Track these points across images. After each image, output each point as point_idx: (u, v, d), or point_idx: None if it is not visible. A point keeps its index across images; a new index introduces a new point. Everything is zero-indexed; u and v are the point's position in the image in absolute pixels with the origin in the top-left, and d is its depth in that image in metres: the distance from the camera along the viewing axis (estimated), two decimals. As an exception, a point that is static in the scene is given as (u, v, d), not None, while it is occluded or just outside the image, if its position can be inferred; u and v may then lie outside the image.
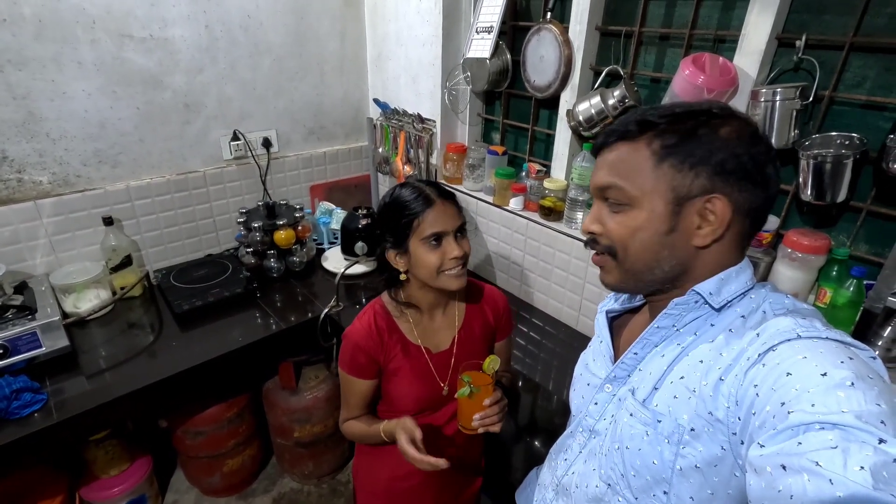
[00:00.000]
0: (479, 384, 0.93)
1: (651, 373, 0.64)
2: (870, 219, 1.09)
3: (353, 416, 1.09)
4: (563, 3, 1.52)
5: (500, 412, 0.93)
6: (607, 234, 0.64)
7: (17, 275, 1.57)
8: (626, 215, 0.62)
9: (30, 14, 1.40)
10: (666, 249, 0.61)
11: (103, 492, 1.64)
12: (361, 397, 1.06)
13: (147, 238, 1.80)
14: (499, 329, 1.14)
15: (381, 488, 1.15)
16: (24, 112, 1.47)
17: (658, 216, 0.60)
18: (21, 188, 1.54)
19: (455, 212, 0.97)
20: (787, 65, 1.12)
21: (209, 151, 1.87)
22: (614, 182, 0.62)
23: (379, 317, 1.04)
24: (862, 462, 0.39)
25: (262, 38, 1.85)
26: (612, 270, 0.66)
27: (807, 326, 0.52)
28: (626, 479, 0.65)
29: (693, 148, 0.58)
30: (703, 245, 0.60)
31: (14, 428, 1.18)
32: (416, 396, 1.03)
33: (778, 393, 0.47)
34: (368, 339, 1.01)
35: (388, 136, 2.13)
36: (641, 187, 0.60)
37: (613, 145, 0.64)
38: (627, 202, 0.61)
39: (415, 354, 1.04)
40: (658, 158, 0.59)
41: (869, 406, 0.42)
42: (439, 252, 0.95)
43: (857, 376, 0.44)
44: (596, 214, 0.66)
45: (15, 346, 1.29)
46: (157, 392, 1.36)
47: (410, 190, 0.97)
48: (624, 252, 0.63)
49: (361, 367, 1.02)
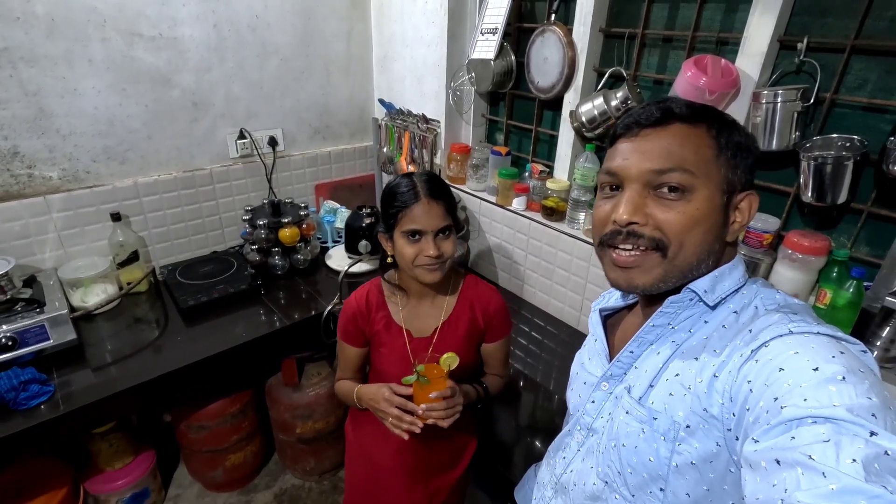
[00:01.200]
0: (430, 377, 0.97)
1: (647, 370, 0.64)
2: (870, 220, 1.10)
3: (344, 376, 1.19)
4: (567, 4, 1.53)
5: (447, 408, 0.96)
6: (659, 225, 0.58)
7: (26, 269, 1.59)
8: (688, 203, 0.57)
9: (42, 13, 1.43)
10: (717, 243, 0.60)
11: (107, 484, 1.66)
12: (350, 361, 1.16)
13: (154, 234, 1.82)
14: (489, 330, 1.14)
15: (365, 453, 1.21)
16: (36, 108, 1.50)
17: (718, 207, 0.58)
18: (31, 183, 1.56)
19: (440, 213, 0.99)
20: (788, 67, 1.13)
21: (216, 149, 1.89)
22: (679, 165, 0.57)
23: (372, 293, 1.13)
24: (854, 455, 0.39)
25: (269, 39, 1.87)
26: (652, 269, 0.60)
27: (798, 322, 0.53)
28: (623, 477, 0.65)
29: (741, 143, 0.60)
30: (732, 239, 0.61)
31: (21, 419, 1.20)
32: (393, 373, 1.08)
33: (771, 388, 0.48)
34: (357, 309, 1.11)
35: (392, 136, 2.15)
36: (707, 174, 0.57)
37: (668, 126, 0.59)
38: (690, 189, 0.57)
39: (396, 334, 1.11)
40: (720, 147, 0.59)
41: (860, 399, 0.42)
42: (416, 247, 0.99)
43: (848, 370, 0.45)
44: (638, 203, 0.59)
45: (23, 338, 1.31)
46: (161, 386, 1.37)
47: (407, 182, 1.01)
48: (678, 246, 0.58)
49: (350, 335, 1.13)
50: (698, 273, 0.61)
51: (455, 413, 0.98)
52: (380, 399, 1.01)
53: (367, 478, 1.21)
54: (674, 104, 0.60)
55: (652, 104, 0.61)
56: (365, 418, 1.17)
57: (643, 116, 0.60)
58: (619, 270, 0.63)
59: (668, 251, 0.59)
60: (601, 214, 0.64)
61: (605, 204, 0.64)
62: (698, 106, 0.61)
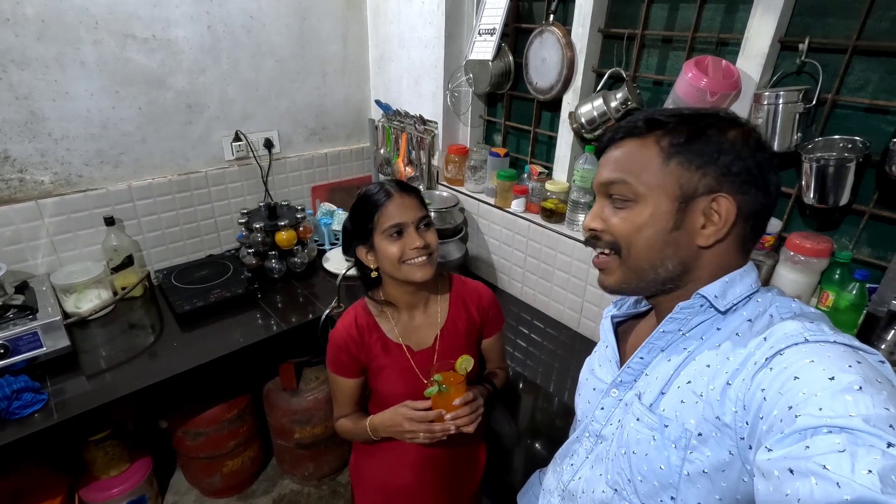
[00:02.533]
0: (450, 384, 0.95)
1: (657, 377, 0.64)
2: (872, 222, 1.09)
3: (343, 413, 1.12)
4: (566, 5, 1.52)
5: (471, 412, 0.95)
6: (610, 230, 0.64)
7: (18, 274, 1.56)
8: (631, 211, 0.62)
9: (33, 14, 1.40)
10: (670, 247, 0.61)
11: (103, 493, 1.63)
12: (348, 395, 1.10)
13: (148, 238, 1.80)
14: (485, 325, 1.13)
15: (378, 486, 1.16)
16: (27, 112, 1.47)
17: (663, 213, 0.60)
18: (23, 188, 1.54)
19: (416, 204, 1.00)
20: (789, 68, 1.12)
21: (211, 152, 1.87)
22: (620, 177, 0.62)
23: (360, 316, 1.07)
24: (870, 466, 0.38)
25: (264, 40, 1.85)
26: (614, 270, 0.65)
27: (814, 330, 0.52)
28: (633, 485, 0.64)
29: (701, 147, 0.59)
30: (706, 245, 0.60)
31: (14, 428, 1.18)
32: (400, 394, 1.05)
33: (785, 397, 0.47)
34: (349, 338, 1.04)
35: (389, 137, 2.14)
36: (648, 183, 0.60)
37: (621, 142, 0.64)
38: (633, 198, 0.61)
39: (395, 352, 1.06)
40: (666, 155, 0.60)
41: (877, 410, 0.42)
42: (400, 243, 0.97)
43: (865, 380, 0.44)
44: (598, 211, 0.66)
45: (16, 345, 1.29)
46: (157, 393, 1.35)
47: (374, 187, 1.01)
48: (628, 249, 0.63)
49: (345, 366, 1.06)
50: (658, 276, 0.63)
51: (479, 416, 0.97)
52: (401, 421, 0.97)
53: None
54: (639, 119, 0.63)
55: (623, 121, 0.66)
56: (373, 449, 1.12)
57: (609, 134, 0.66)
58: (598, 272, 0.69)
59: (621, 253, 0.64)
60: None
61: None
62: (660, 117, 0.61)
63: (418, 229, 0.99)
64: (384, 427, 1.02)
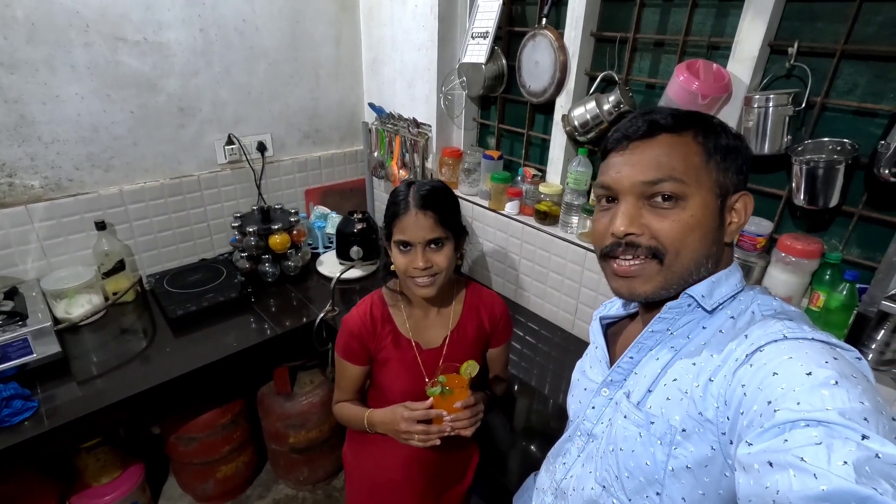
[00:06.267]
0: (453, 386, 0.96)
1: (646, 376, 0.65)
2: (861, 223, 1.11)
3: (344, 398, 1.13)
4: (559, 9, 1.53)
5: (470, 417, 0.97)
6: (655, 234, 0.60)
7: (7, 280, 1.54)
8: (683, 212, 0.59)
9: (22, 17, 1.39)
10: (714, 246, 0.62)
11: (95, 500, 1.62)
12: (352, 381, 1.11)
13: (140, 242, 1.78)
14: (494, 335, 1.14)
15: (367, 477, 1.17)
16: (16, 116, 1.46)
17: (713, 211, 0.60)
18: (12, 192, 1.52)
19: (430, 224, 0.95)
20: (779, 71, 1.14)
21: (204, 155, 1.86)
22: (670, 175, 0.59)
23: (375, 306, 1.08)
24: (845, 457, 0.39)
25: (257, 42, 1.84)
26: (652, 277, 0.62)
27: (793, 328, 0.53)
28: (620, 481, 0.65)
29: (729, 146, 0.61)
30: (730, 241, 0.63)
31: (4, 436, 1.16)
32: (402, 388, 1.06)
33: (764, 392, 0.48)
34: (362, 326, 1.06)
35: (383, 140, 2.13)
36: (698, 180, 0.59)
37: (656, 138, 0.61)
38: (683, 197, 0.59)
39: (405, 347, 1.07)
40: (707, 152, 0.61)
41: (852, 404, 0.43)
42: (407, 258, 0.97)
43: (841, 375, 0.45)
44: (633, 214, 0.61)
45: (5, 352, 1.28)
46: (150, 398, 1.34)
47: (403, 190, 0.99)
48: (675, 253, 0.60)
49: (353, 353, 1.07)
50: (698, 277, 0.62)
51: (478, 421, 0.98)
52: (399, 421, 0.98)
53: (374, 502, 1.17)
54: (659, 115, 0.62)
55: (638, 117, 0.63)
56: (366, 441, 1.13)
57: (631, 130, 0.62)
58: (621, 280, 0.65)
59: (664, 259, 0.60)
60: (600, 227, 0.67)
61: (603, 217, 0.66)
62: (682, 113, 0.62)
63: (426, 249, 0.97)
64: (381, 424, 1.04)
